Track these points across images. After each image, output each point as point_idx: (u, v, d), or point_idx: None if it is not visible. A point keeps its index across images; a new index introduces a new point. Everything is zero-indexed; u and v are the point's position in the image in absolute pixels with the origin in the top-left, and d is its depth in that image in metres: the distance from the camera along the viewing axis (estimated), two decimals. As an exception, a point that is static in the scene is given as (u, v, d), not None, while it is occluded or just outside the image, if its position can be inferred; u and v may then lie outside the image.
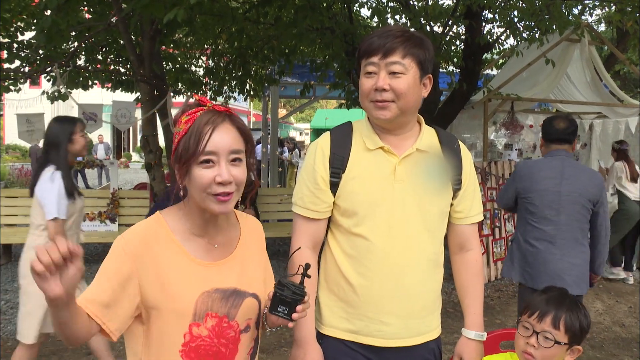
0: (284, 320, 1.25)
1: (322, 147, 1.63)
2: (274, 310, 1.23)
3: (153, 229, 1.26)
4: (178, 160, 1.21)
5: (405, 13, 5.29)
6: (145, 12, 5.01)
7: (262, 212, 6.53)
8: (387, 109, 1.51)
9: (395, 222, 1.57)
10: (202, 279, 1.26)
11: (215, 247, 1.31)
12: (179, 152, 1.20)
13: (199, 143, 1.17)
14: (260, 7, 5.66)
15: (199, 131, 1.18)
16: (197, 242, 1.29)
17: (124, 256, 1.20)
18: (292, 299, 1.22)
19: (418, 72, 1.52)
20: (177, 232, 1.27)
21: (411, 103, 1.53)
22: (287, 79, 7.70)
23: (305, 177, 1.65)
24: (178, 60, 9.28)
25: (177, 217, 1.29)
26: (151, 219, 1.28)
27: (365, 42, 1.54)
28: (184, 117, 1.21)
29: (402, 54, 1.48)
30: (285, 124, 30.15)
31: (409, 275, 1.59)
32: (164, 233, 1.26)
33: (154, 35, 6.57)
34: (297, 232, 1.67)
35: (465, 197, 1.69)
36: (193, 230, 1.29)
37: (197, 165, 1.19)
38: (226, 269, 1.31)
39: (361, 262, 1.60)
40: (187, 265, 1.25)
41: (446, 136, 1.71)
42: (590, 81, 7.13)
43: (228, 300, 1.28)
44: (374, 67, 1.51)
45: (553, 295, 1.66)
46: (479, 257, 1.78)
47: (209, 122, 1.19)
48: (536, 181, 2.94)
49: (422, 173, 1.60)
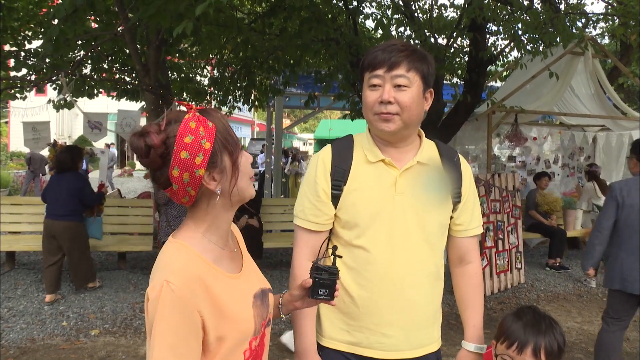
0: (308, 304, 1.35)
1: (323, 159, 1.65)
2: (315, 295, 1.28)
3: (191, 262, 1.15)
4: (230, 156, 1.18)
5: (410, 25, 5.33)
6: (151, 22, 5.05)
7: (265, 222, 6.53)
8: (391, 121, 1.52)
9: (395, 234, 1.58)
10: (245, 293, 1.25)
11: (235, 252, 1.31)
12: (224, 153, 1.17)
13: (234, 135, 1.20)
14: (265, 18, 5.71)
15: (227, 126, 1.19)
16: (224, 256, 1.26)
17: (186, 307, 1.09)
18: (330, 281, 1.27)
19: (421, 85, 1.54)
20: (207, 254, 1.19)
21: (414, 116, 1.55)
22: (292, 89, 7.73)
23: (307, 189, 1.66)
24: (183, 70, 9.35)
25: (199, 237, 1.21)
26: (178, 251, 1.17)
27: (369, 56, 1.56)
28: (192, 124, 1.13)
29: (406, 67, 1.50)
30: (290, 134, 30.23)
31: (409, 287, 1.60)
32: (199, 262, 1.17)
33: (159, 45, 6.62)
34: (298, 243, 1.67)
35: (465, 210, 1.71)
36: (218, 242, 1.24)
37: (241, 154, 1.21)
38: (249, 272, 1.31)
39: (361, 274, 1.60)
40: (230, 285, 1.21)
41: (446, 149, 1.72)
42: (594, 94, 7.15)
43: (263, 303, 1.29)
44: (379, 80, 1.52)
45: (529, 320, 1.64)
46: (479, 270, 1.78)
47: (223, 116, 1.20)
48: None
49: (423, 185, 1.61)
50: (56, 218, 5.02)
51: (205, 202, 1.20)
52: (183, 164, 1.10)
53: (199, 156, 1.11)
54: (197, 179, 1.13)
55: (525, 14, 5.36)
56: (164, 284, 1.07)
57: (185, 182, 1.12)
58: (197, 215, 1.22)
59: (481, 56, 5.10)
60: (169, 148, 1.10)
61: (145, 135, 1.10)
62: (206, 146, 1.13)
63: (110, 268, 6.22)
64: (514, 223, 5.94)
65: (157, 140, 1.10)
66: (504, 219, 5.76)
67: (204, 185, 1.15)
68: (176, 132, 1.10)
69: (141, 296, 5.14)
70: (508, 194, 5.80)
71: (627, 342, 4.57)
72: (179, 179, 1.12)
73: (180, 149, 1.10)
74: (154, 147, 1.10)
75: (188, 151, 1.10)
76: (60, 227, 5.03)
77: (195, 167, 1.11)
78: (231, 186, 1.20)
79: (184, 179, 1.12)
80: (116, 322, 4.54)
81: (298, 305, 1.38)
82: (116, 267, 6.26)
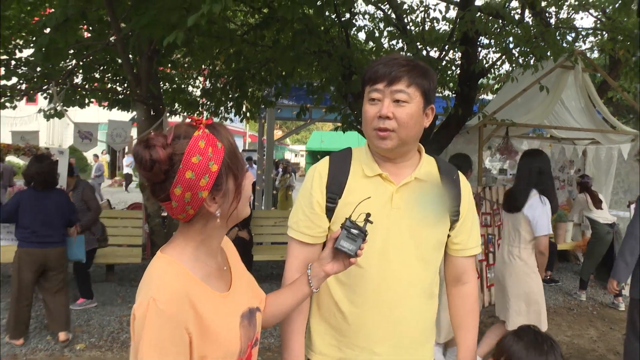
0: (338, 267, 1.37)
1: (320, 171, 1.63)
2: (340, 246, 1.32)
3: (179, 278, 1.12)
4: (235, 180, 1.17)
5: (402, 38, 5.35)
6: (143, 33, 5.05)
7: (255, 235, 6.49)
8: (388, 139, 1.50)
9: (389, 250, 1.56)
10: (232, 313, 1.22)
11: (224, 270, 1.28)
12: (229, 177, 1.15)
13: (240, 157, 1.19)
14: (258, 30, 5.71)
15: (234, 147, 1.17)
16: (213, 273, 1.23)
17: (173, 324, 1.06)
18: (358, 236, 1.33)
19: (422, 101, 1.51)
20: (196, 271, 1.17)
21: (413, 133, 1.53)
22: (284, 101, 7.72)
23: (302, 201, 1.64)
24: (175, 81, 9.34)
25: (188, 253, 1.18)
26: (166, 267, 1.14)
27: (370, 70, 1.54)
28: (201, 144, 1.09)
29: (407, 82, 1.48)
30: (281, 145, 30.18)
31: (401, 304, 1.58)
32: (187, 278, 1.14)
33: (151, 56, 6.62)
34: (291, 255, 1.65)
35: (463, 229, 1.68)
36: (207, 260, 1.22)
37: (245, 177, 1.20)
38: (238, 291, 1.28)
39: (353, 290, 1.58)
40: (218, 303, 1.19)
41: (446, 166, 1.70)
42: (584, 107, 7.20)
43: (250, 323, 1.26)
44: (379, 94, 1.50)
45: (530, 341, 1.63)
46: (475, 291, 1.76)
47: (231, 135, 1.17)
48: None
49: (420, 202, 1.59)
50: (48, 245, 4.18)
51: (202, 222, 1.18)
52: (187, 183, 1.08)
53: (204, 178, 1.09)
54: (198, 200, 1.11)
55: (516, 27, 5.40)
56: (150, 301, 1.04)
57: (185, 201, 1.10)
58: (190, 233, 1.19)
59: (473, 69, 5.12)
60: (175, 165, 1.07)
61: (151, 147, 1.07)
62: (213, 169, 1.10)
63: (97, 280, 6.14)
64: (505, 236, 5.93)
65: (163, 155, 1.06)
66: (495, 232, 5.75)
67: (204, 207, 1.13)
68: (184, 149, 1.07)
69: (129, 309, 5.07)
70: (499, 207, 5.80)
71: (616, 356, 4.56)
72: (180, 197, 1.09)
73: (186, 169, 1.07)
74: (159, 161, 1.06)
75: (194, 172, 1.07)
76: (55, 255, 4.22)
77: (199, 189, 1.09)
78: (231, 210, 1.18)
79: (185, 198, 1.09)
80: (103, 335, 4.47)
81: (328, 268, 1.38)
82: (104, 280, 6.19)
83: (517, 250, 3.73)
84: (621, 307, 6.01)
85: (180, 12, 4.27)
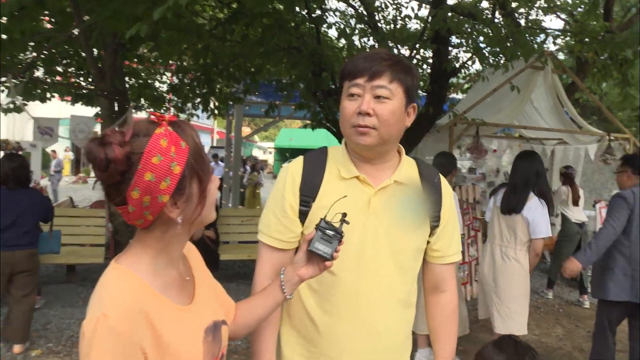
0: (312, 271, 1.30)
1: (292, 172, 1.52)
2: (314, 248, 1.25)
3: (133, 291, 1.01)
4: (199, 183, 1.06)
5: (373, 35, 5.30)
6: (107, 25, 4.86)
7: (222, 234, 6.35)
8: (368, 135, 1.40)
9: (365, 257, 1.47)
10: (195, 327, 1.12)
11: (187, 280, 1.17)
12: (193, 179, 1.04)
13: (206, 158, 1.08)
14: (227, 25, 5.58)
15: (200, 147, 1.07)
16: (173, 284, 1.12)
17: (126, 343, 0.95)
18: (334, 237, 1.26)
19: (404, 99, 1.43)
20: (154, 283, 1.06)
21: (394, 131, 1.44)
22: (252, 97, 7.61)
23: (273, 203, 1.53)
24: (141, 76, 9.10)
25: (146, 262, 1.07)
26: (120, 278, 1.03)
27: (350, 64, 1.44)
28: (163, 142, 0.98)
29: (389, 78, 1.39)
30: (249, 142, 29.93)
31: (375, 314, 1.49)
32: (144, 291, 1.03)
33: (116, 49, 6.41)
34: (261, 261, 1.54)
35: (443, 235, 1.60)
36: (167, 269, 1.10)
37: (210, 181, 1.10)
38: (201, 303, 1.18)
39: (326, 298, 1.49)
40: (178, 318, 1.08)
41: (427, 169, 1.61)
42: (552, 108, 7.29)
43: (215, 338, 1.16)
44: (359, 90, 1.40)
45: (511, 353, 1.58)
46: (454, 299, 1.68)
47: (196, 134, 1.07)
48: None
49: (399, 207, 1.50)
50: (17, 247, 3.96)
51: (162, 228, 1.06)
52: (146, 186, 0.97)
53: (165, 180, 0.98)
54: (158, 205, 0.99)
55: (487, 27, 5.40)
56: (100, 317, 0.93)
57: (144, 206, 0.99)
58: (148, 240, 1.08)
59: (444, 68, 5.10)
60: (133, 165, 0.96)
61: (106, 145, 0.95)
62: (175, 170, 0.99)
63: (58, 281, 5.91)
64: (474, 236, 5.95)
65: (120, 154, 0.95)
66: (465, 231, 5.76)
67: (164, 213, 1.01)
68: (144, 148, 0.97)
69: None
70: (469, 207, 5.81)
71: (581, 353, 4.60)
72: (138, 201, 0.98)
73: (145, 170, 0.96)
74: (115, 161, 0.95)
75: (154, 173, 0.97)
76: (22, 257, 3.99)
77: (159, 192, 0.98)
78: (195, 215, 1.07)
79: (144, 202, 0.98)
80: (61, 340, 4.27)
81: (303, 273, 1.31)
82: (64, 281, 5.95)
83: (513, 251, 3.72)
84: (586, 305, 6.11)
85: (146, 4, 4.11)
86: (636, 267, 3.43)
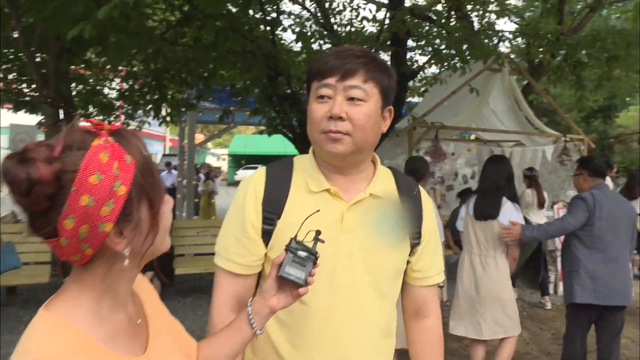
0: (285, 300, 1.11)
1: (254, 185, 1.33)
2: (285, 274, 1.08)
3: (68, 347, 0.79)
4: (150, 207, 0.85)
5: (330, 38, 5.18)
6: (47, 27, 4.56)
7: (176, 246, 6.08)
8: (340, 142, 1.23)
9: (338, 282, 1.29)
10: None
11: (138, 324, 0.95)
12: (142, 202, 0.83)
13: (157, 175, 0.87)
14: (178, 27, 5.36)
15: (149, 161, 0.85)
16: (122, 331, 0.89)
17: None
18: (307, 260, 1.09)
19: (380, 101, 1.26)
20: (95, 332, 0.84)
21: (370, 138, 1.27)
22: (205, 103, 7.38)
23: (232, 221, 1.33)
24: (89, 82, 8.73)
25: (85, 307, 0.85)
26: (51, 331, 0.80)
27: (318, 61, 1.27)
28: (103, 157, 0.78)
29: (363, 77, 1.22)
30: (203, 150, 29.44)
31: (352, 347, 1.31)
32: (81, 345, 0.81)
33: (60, 53, 6.07)
34: (219, 289, 1.34)
35: (424, 253, 1.44)
36: (111, 313, 0.88)
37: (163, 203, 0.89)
38: (157, 350, 0.96)
39: (295, 331, 1.30)
40: None
41: (405, 180, 1.45)
42: (509, 109, 7.34)
43: None
44: (329, 91, 1.23)
45: None
46: (438, 325, 1.52)
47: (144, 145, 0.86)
48: (601, 208, 3.44)
49: (375, 223, 1.33)
50: None
51: (105, 264, 0.84)
52: (82, 213, 0.75)
53: (107, 205, 0.77)
54: (99, 236, 0.78)
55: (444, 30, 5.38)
56: None
57: (80, 238, 0.77)
58: (87, 279, 0.85)
59: (403, 71, 5.03)
60: (64, 187, 0.75)
61: (28, 162, 0.73)
62: (120, 192, 0.78)
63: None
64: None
65: (47, 174, 0.73)
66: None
67: (107, 245, 0.80)
68: (78, 165, 0.75)
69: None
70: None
71: (548, 357, 4.57)
72: (73, 232, 0.76)
73: (81, 192, 0.75)
74: (41, 182, 0.73)
75: (93, 196, 0.75)
76: None
77: (99, 220, 0.77)
78: (145, 245, 0.85)
79: (80, 233, 0.76)
80: (-1, 370, 3.92)
81: (273, 303, 1.11)
82: (3, 304, 5.53)
83: (493, 260, 3.66)
84: (548, 306, 6.14)
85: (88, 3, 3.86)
86: (597, 270, 3.44)
